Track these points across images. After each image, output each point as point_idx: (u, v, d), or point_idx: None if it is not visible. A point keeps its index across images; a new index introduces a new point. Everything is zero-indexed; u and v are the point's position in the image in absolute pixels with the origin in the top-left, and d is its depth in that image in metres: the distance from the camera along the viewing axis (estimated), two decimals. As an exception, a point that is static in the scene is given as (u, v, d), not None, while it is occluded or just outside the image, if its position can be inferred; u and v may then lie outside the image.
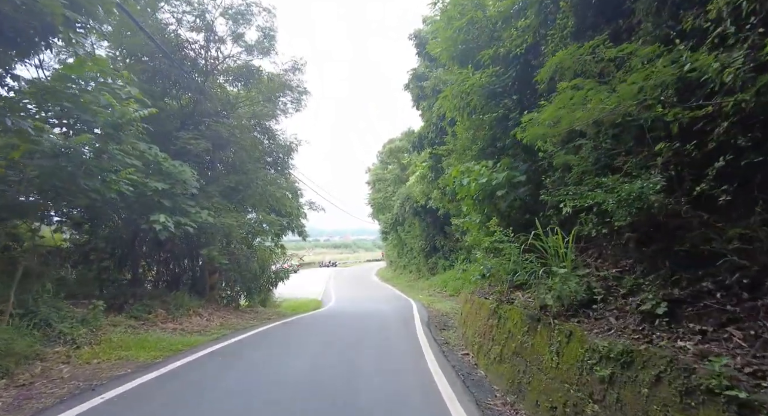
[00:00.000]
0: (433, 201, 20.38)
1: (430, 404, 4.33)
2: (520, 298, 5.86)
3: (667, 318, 2.94)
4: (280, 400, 4.36)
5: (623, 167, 3.62)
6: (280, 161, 13.11)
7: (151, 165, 8.39)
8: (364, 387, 4.95)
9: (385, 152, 31.69)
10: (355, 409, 4.11)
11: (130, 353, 6.07)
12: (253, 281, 12.89)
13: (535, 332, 4.52)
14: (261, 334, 8.71)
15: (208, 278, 12.22)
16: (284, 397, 4.46)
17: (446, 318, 12.21)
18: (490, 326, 6.18)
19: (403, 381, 5.24)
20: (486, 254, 6.45)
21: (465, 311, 8.94)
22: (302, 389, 4.78)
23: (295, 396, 4.49)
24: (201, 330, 9.27)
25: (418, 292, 23.78)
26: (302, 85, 11.74)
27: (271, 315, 13.00)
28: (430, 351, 7.03)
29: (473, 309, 7.82)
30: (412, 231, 29.48)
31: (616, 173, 3.84)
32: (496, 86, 6.03)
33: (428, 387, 4.97)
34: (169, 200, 8.48)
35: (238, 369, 5.59)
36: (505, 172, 6.08)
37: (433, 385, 5.02)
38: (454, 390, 4.80)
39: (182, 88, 10.73)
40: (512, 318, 5.33)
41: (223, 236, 10.66)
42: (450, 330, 9.68)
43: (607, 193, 3.52)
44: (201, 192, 10.77)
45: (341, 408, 4.16)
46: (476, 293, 9.16)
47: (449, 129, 9.25)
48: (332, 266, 55.63)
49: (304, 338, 8.22)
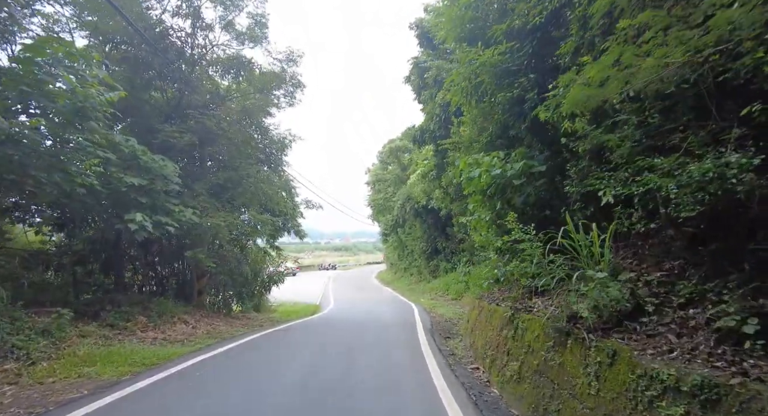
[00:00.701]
0: (435, 201, 19.66)
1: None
2: (539, 306, 5.11)
3: (763, 341, 2.19)
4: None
5: (682, 146, 2.87)
6: (273, 157, 12.35)
7: (128, 159, 7.66)
8: (362, 407, 4.20)
9: (385, 151, 30.95)
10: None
11: (93, 369, 5.31)
12: (245, 285, 12.14)
13: (563, 348, 3.77)
14: (248, 345, 7.94)
15: (196, 283, 11.47)
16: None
17: (450, 325, 11.44)
18: (504, 337, 5.42)
19: (407, 403, 4.48)
20: (499, 256, 5.69)
21: (472, 318, 8.19)
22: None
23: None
24: (185, 339, 8.51)
25: (420, 296, 23.02)
26: (297, 77, 11.02)
27: (264, 322, 12.23)
28: (435, 363, 6.27)
29: (483, 317, 7.06)
30: (413, 233, 28.72)
31: (667, 153, 3.09)
32: (510, 64, 5.30)
33: (436, 410, 4.21)
34: (147, 197, 7.74)
35: (212, 393, 4.81)
36: (521, 161, 5.34)
37: (440, 408, 4.26)
38: (465, 414, 4.06)
39: (167, 79, 10.00)
40: (532, 329, 4.58)
41: (210, 237, 9.91)
42: (455, 338, 8.91)
43: (663, 177, 2.77)
44: (187, 190, 10.06)
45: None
46: (485, 298, 8.40)
47: (455, 120, 8.52)
48: (332, 268, 54.82)
49: (295, 349, 7.45)
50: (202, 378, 5.43)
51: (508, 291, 6.74)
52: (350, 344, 7.92)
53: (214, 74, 11.21)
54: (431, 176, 17.01)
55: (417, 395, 4.76)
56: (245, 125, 10.84)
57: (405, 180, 27.95)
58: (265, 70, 10.96)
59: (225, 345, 7.74)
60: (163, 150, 9.59)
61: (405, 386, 5.16)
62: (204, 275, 11.68)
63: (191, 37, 10.03)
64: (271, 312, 15.76)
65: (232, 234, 10.79)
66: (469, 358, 6.84)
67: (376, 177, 31.19)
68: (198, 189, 10.02)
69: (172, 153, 10.00)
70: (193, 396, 4.58)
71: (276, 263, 14.25)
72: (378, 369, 6.03)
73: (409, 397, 4.70)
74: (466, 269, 21.62)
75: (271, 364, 6.19)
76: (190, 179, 10.36)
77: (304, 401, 4.40)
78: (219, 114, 10.57)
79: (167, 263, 12.23)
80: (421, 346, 7.68)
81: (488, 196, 6.68)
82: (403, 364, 6.31)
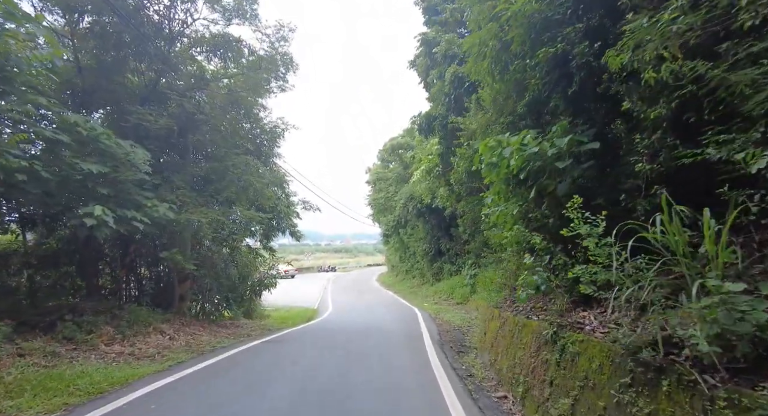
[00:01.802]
0: (439, 199, 18.51)
1: None
2: (592, 322, 3.94)
3: None
4: None
5: None
6: (264, 148, 11.17)
7: (88, 143, 6.51)
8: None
9: (386, 149, 29.78)
10: None
11: (15, 403, 4.13)
12: (233, 290, 10.95)
13: (654, 390, 2.59)
14: (227, 362, 6.76)
15: (177, 287, 10.29)
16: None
17: (460, 334, 10.27)
18: (543, 361, 4.25)
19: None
20: (537, 258, 4.52)
21: (491, 329, 7.02)
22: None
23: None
24: (157, 353, 7.33)
25: (423, 300, 21.87)
26: (288, 56, 9.81)
27: (254, 330, 11.05)
28: (452, 389, 5.10)
29: (506, 331, 5.88)
30: (416, 234, 27.55)
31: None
32: (551, 13, 4.16)
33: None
34: (110, 187, 6.58)
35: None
36: (566, 137, 4.17)
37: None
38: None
39: (143, 58, 8.85)
40: (589, 354, 3.41)
41: (190, 235, 8.74)
42: (470, 353, 7.73)
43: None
44: (164, 183, 8.91)
45: None
46: (505, 307, 7.23)
47: (472, 98, 7.35)
48: (331, 271, 53.58)
49: (280, 370, 6.28)
50: (155, 413, 4.25)
51: (542, 301, 5.58)
52: (348, 362, 6.74)
53: (198, 55, 10.06)
54: (436, 172, 15.86)
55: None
56: (232, 111, 9.68)
57: (407, 179, 26.80)
58: (254, 50, 9.82)
59: (200, 362, 6.56)
60: (139, 138, 8.45)
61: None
62: (187, 279, 10.50)
63: (170, 9, 8.90)
64: (264, 318, 14.55)
65: (218, 233, 9.62)
66: (492, 382, 5.65)
67: (377, 176, 29.99)
68: (178, 182, 8.86)
69: (149, 141, 8.85)
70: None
71: (268, 265, 13.06)
72: (383, 399, 4.84)
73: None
74: (471, 271, 20.47)
75: (250, 391, 5.02)
76: (169, 171, 9.22)
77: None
78: (201, 97, 9.43)
79: (146, 265, 11.08)
80: (432, 364, 6.50)
81: (516, 184, 5.51)
82: (413, 391, 5.13)
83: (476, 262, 20.28)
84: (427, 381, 5.53)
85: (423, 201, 20.56)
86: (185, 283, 10.55)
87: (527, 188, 5.30)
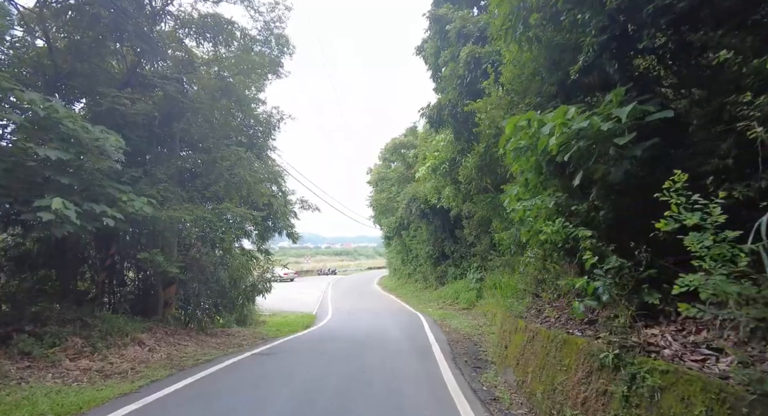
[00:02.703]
0: (444, 199, 17.61)
1: None
2: (667, 341, 3.01)
3: None
4: None
5: None
6: (258, 141, 10.25)
7: (48, 127, 5.60)
8: None
9: (388, 149, 28.84)
10: None
11: None
12: (223, 295, 10.01)
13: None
14: (207, 381, 5.81)
15: (161, 292, 9.36)
16: None
17: (472, 344, 9.33)
18: (600, 392, 3.31)
19: None
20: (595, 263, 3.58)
21: (514, 343, 6.08)
22: None
23: None
24: (131, 369, 6.40)
25: (426, 304, 20.96)
26: (284, 38, 8.89)
27: (245, 339, 10.10)
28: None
29: (539, 347, 4.94)
30: (419, 236, 26.64)
31: None
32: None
33: None
34: (73, 177, 5.67)
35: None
36: (629, 105, 3.24)
37: None
38: None
39: (123, 39, 7.97)
40: (680, 392, 2.48)
41: (176, 234, 7.83)
42: (488, 368, 6.79)
43: None
44: (145, 176, 8.01)
45: None
46: (530, 317, 6.30)
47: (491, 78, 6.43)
48: (332, 273, 52.59)
49: (268, 391, 5.35)
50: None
51: (595, 312, 4.64)
52: (348, 380, 5.81)
53: (186, 38, 9.18)
54: (443, 169, 14.98)
55: None
56: (222, 99, 8.77)
57: (410, 179, 25.90)
58: (247, 32, 8.93)
59: (176, 382, 5.62)
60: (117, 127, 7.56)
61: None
62: (172, 284, 9.57)
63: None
64: (259, 325, 13.61)
65: (205, 232, 8.70)
66: (522, 409, 4.70)
67: (379, 176, 29.04)
68: (160, 175, 7.96)
69: (129, 130, 7.96)
70: None
71: (263, 268, 12.12)
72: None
73: None
74: (477, 275, 19.62)
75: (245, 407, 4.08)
76: (151, 163, 8.31)
77: None
78: (188, 84, 8.54)
79: (131, 268, 10.16)
80: (447, 384, 5.57)
81: (552, 171, 4.59)
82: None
83: (482, 265, 19.39)
84: (446, 408, 4.60)
85: (428, 201, 19.64)
86: (170, 288, 9.62)
87: (567, 175, 4.39)
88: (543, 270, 7.61)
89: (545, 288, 7.12)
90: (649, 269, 3.37)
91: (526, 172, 4.93)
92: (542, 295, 7.12)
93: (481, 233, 19.84)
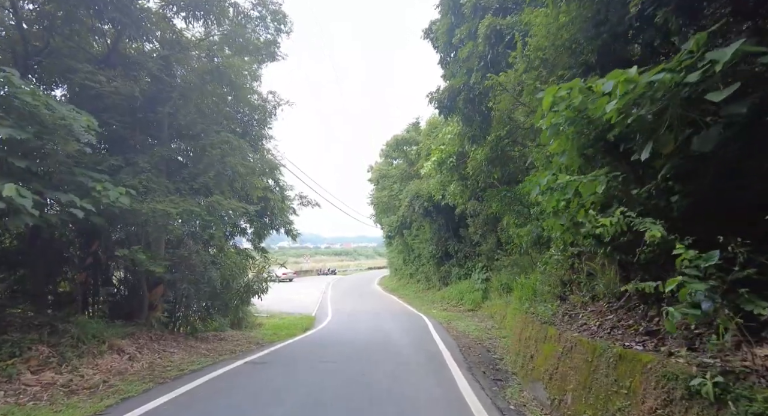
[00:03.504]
0: (450, 196, 16.82)
1: None
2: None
3: None
4: None
5: None
6: (252, 131, 9.41)
7: (4, 103, 4.80)
8: None
9: (390, 145, 28.01)
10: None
11: None
12: (214, 297, 9.20)
13: None
14: (189, 397, 5.01)
15: (147, 294, 8.55)
16: None
17: (484, 350, 8.55)
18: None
19: None
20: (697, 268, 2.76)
21: (544, 354, 5.27)
22: None
23: None
24: (103, 382, 5.60)
25: (430, 306, 20.21)
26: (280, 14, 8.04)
27: (239, 344, 9.30)
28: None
29: (580, 361, 4.14)
30: (421, 235, 25.87)
31: None
32: None
33: None
34: (31, 161, 4.86)
35: None
36: (735, 44, 2.44)
37: None
38: None
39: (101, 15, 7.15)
40: None
41: (158, 229, 7.04)
42: (511, 381, 5.99)
43: None
44: (127, 165, 7.21)
45: None
46: (561, 324, 5.49)
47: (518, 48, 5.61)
48: (331, 273, 51.79)
49: (260, 409, 4.56)
50: None
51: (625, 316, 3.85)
52: (349, 396, 5.01)
53: (175, 17, 8.37)
54: (450, 163, 14.19)
55: None
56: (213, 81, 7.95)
57: (412, 176, 25.09)
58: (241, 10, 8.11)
59: (153, 399, 4.82)
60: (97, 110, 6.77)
61: None
62: (159, 284, 8.77)
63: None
64: (255, 328, 12.81)
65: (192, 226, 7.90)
66: (565, 437, 3.91)
67: (380, 173, 28.21)
68: (143, 164, 7.15)
69: (109, 115, 7.16)
70: None
71: (259, 268, 11.32)
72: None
73: None
74: (483, 275, 18.88)
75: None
76: (134, 152, 7.52)
77: None
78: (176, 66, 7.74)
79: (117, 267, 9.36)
80: (468, 404, 4.75)
81: (601, 149, 3.80)
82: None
83: (488, 265, 18.65)
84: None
85: (433, 198, 18.86)
86: (157, 289, 8.81)
87: (622, 154, 3.60)
88: (570, 270, 6.84)
89: (574, 290, 6.33)
90: (746, 269, 2.59)
91: (569, 151, 4.13)
92: (570, 298, 6.33)
93: (488, 231, 19.09)
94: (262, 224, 12.24)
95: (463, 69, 7.95)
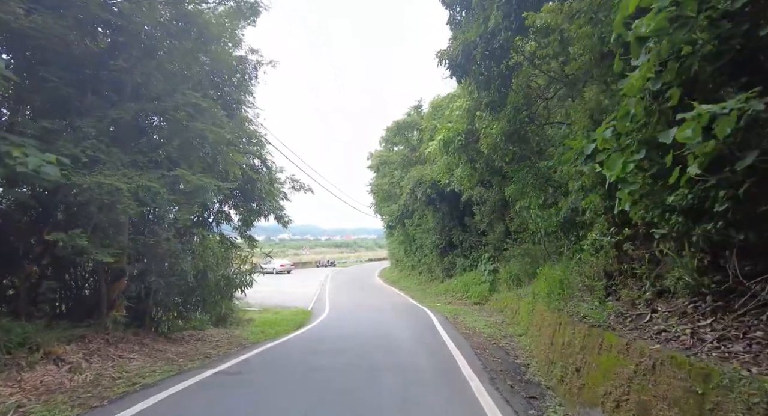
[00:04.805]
0: (456, 181, 15.42)
1: None
2: None
3: None
4: None
5: None
6: (230, 93, 7.91)
7: None
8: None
9: (390, 130, 26.51)
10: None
11: None
12: (188, 292, 7.89)
13: None
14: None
15: (105, 289, 7.22)
16: None
17: (503, 352, 7.27)
18: None
19: None
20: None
21: (601, 367, 3.93)
22: None
23: None
24: (16, 407, 4.29)
25: (434, 299, 18.99)
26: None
27: (217, 346, 8.00)
28: None
29: (683, 390, 2.78)
30: (424, 224, 24.59)
31: None
32: None
33: None
34: None
35: None
36: None
37: None
38: None
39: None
40: None
41: (107, 209, 5.70)
42: (547, 399, 4.68)
43: None
44: (68, 130, 5.85)
45: None
46: (623, 330, 4.15)
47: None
48: (330, 265, 50.67)
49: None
50: None
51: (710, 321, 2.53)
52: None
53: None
54: (458, 143, 12.75)
55: None
56: (177, 34, 6.53)
57: (414, 162, 23.69)
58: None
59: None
60: (30, 65, 5.36)
61: None
62: (121, 277, 7.44)
63: None
64: (243, 325, 11.52)
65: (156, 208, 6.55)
66: None
67: (380, 160, 26.76)
68: (87, 129, 5.77)
69: (45, 69, 5.75)
70: None
71: (241, 259, 10.01)
72: None
73: None
74: (490, 266, 17.63)
75: None
76: (79, 115, 6.13)
77: None
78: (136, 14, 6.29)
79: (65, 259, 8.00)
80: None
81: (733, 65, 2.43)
82: None
83: (495, 256, 17.42)
84: None
85: (439, 182, 17.48)
86: (119, 283, 7.47)
87: None
88: (616, 258, 5.50)
89: (628, 283, 5.00)
90: None
91: (668, 72, 2.74)
92: (622, 294, 4.99)
93: (495, 219, 17.74)
94: (249, 209, 10.89)
95: (479, 18, 6.54)
